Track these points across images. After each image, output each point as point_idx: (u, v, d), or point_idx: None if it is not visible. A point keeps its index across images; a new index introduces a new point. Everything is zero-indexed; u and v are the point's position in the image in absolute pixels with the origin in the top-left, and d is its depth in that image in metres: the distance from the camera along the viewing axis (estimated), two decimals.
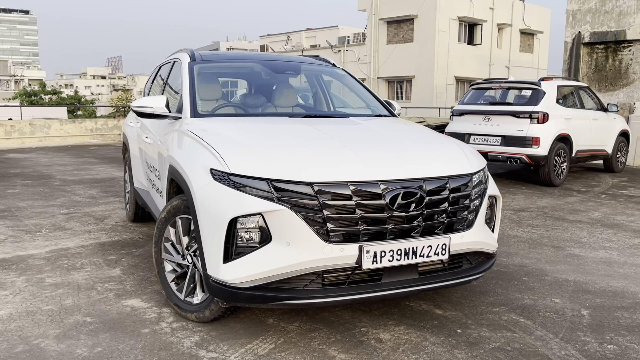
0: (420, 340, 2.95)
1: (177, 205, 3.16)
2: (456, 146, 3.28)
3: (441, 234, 2.86)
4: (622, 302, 3.58)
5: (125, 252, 4.59)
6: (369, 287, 2.74)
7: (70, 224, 5.61)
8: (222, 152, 2.82)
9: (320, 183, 2.63)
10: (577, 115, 8.94)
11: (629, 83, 12.37)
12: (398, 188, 2.72)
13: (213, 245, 2.70)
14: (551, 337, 3.02)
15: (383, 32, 32.37)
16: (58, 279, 3.89)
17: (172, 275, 3.29)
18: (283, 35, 50.14)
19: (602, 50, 12.67)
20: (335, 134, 3.22)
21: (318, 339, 2.96)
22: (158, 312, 3.30)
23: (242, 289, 2.67)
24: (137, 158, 5.03)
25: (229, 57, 4.60)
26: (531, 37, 37.00)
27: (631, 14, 11.95)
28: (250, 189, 2.66)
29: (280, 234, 2.63)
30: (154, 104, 3.65)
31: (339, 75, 4.58)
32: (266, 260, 2.64)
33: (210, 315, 3.04)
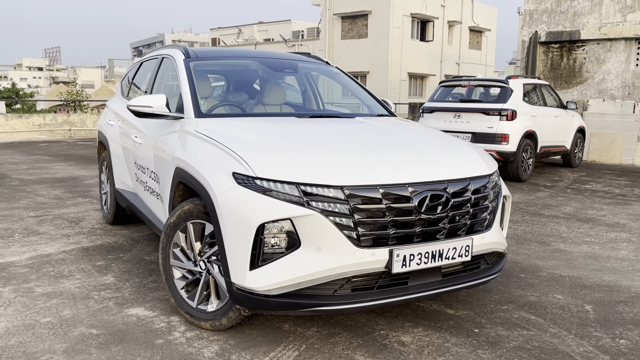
0: (442, 342, 2.95)
1: (189, 210, 3.03)
2: (470, 147, 3.30)
3: (463, 235, 2.87)
4: (619, 297, 3.71)
5: (113, 257, 4.39)
6: (397, 291, 2.71)
7: (44, 228, 5.32)
8: (244, 155, 2.72)
9: (351, 187, 2.58)
10: (541, 112, 9.24)
11: (583, 81, 12.90)
12: (425, 190, 2.71)
13: (238, 252, 2.61)
14: (565, 333, 3.09)
15: (337, 27, 32.46)
16: (48, 288, 3.67)
17: (182, 282, 3.16)
18: (234, 28, 49.47)
19: (558, 50, 13.15)
20: (353, 135, 3.17)
21: (340, 344, 2.91)
22: (167, 321, 3.17)
23: (270, 296, 2.59)
24: (120, 158, 4.81)
25: (224, 54, 4.46)
26: (479, 34, 38.00)
27: (585, 14, 12.45)
28: (277, 193, 2.58)
29: (310, 239, 2.56)
30: (154, 104, 3.49)
31: (334, 74, 4.52)
32: (296, 267, 2.56)
33: (227, 324, 2.94)
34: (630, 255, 4.74)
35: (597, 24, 12.37)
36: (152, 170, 3.84)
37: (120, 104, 5.16)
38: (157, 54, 4.64)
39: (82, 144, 15.70)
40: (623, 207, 6.94)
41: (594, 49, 12.72)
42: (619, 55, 12.45)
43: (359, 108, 4.35)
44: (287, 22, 46.57)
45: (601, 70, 12.70)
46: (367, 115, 4.00)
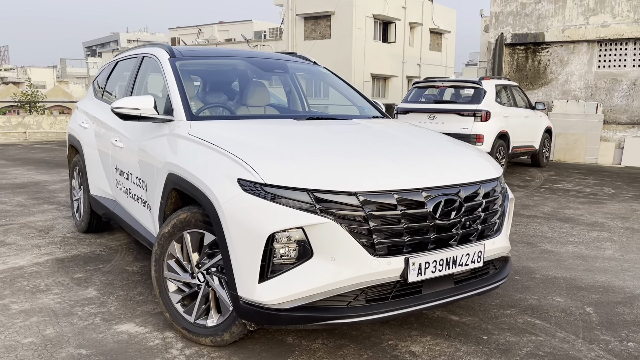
0: (453, 351, 2.86)
1: (185, 219, 2.84)
2: (476, 150, 3.22)
3: (475, 241, 2.78)
4: (616, 298, 3.71)
5: (91, 269, 4.13)
6: (412, 301, 2.60)
7: (11, 238, 4.99)
8: (249, 160, 2.56)
9: (365, 193, 2.45)
10: (513, 113, 9.35)
11: (547, 82, 13.17)
12: (439, 195, 2.61)
13: (246, 264, 2.45)
14: (573, 338, 3.05)
15: (300, 27, 32.34)
16: (25, 305, 3.40)
17: (178, 295, 2.96)
18: (194, 28, 48.73)
19: (523, 51, 13.39)
20: (359, 139, 3.05)
21: (349, 356, 2.78)
22: (161, 338, 2.97)
23: (281, 310, 2.44)
24: (96, 163, 4.54)
25: (210, 53, 4.26)
26: (439, 36, 38.56)
27: (549, 17, 12.72)
28: (287, 200, 2.43)
29: (323, 248, 2.42)
30: (141, 105, 3.27)
31: (323, 74, 4.39)
32: (308, 278, 2.42)
33: (230, 339, 2.77)
34: (616, 254, 4.79)
35: (560, 26, 12.65)
36: (136, 176, 3.61)
37: (93, 105, 4.89)
38: (136, 52, 4.41)
39: (40, 147, 15.07)
40: (597, 206, 7.07)
41: (558, 51, 13.01)
42: (582, 57, 12.77)
43: (348, 109, 4.22)
44: (248, 22, 46.13)
45: (565, 72, 13.01)
46: (361, 116, 3.88)
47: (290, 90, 4.52)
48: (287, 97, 4.55)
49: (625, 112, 12.44)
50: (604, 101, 12.59)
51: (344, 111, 4.12)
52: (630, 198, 7.74)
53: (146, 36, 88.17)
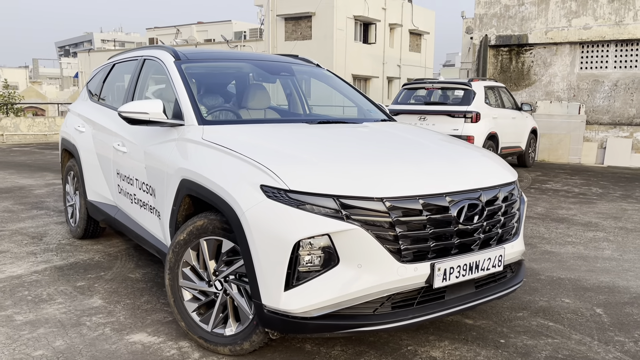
0: (473, 355, 2.86)
1: (202, 226, 2.78)
2: (489, 153, 3.23)
3: (494, 245, 2.78)
4: (623, 298, 3.75)
5: (93, 277, 4.03)
6: (436, 306, 2.58)
7: (3, 245, 4.84)
8: (271, 166, 2.51)
9: (392, 198, 2.43)
10: (501, 114, 9.45)
11: (531, 84, 13.35)
12: (463, 200, 2.60)
13: (271, 271, 2.40)
14: (589, 340, 3.07)
15: (281, 28, 32.24)
16: (30, 316, 3.30)
17: (194, 304, 2.90)
18: (172, 28, 48.28)
19: (507, 53, 13.54)
20: (378, 143, 3.02)
21: None
22: (177, 348, 2.90)
23: (307, 318, 2.40)
24: (94, 168, 4.43)
25: (214, 56, 4.17)
26: (419, 37, 38.84)
27: (532, 19, 12.89)
28: (312, 206, 2.39)
29: (350, 255, 2.39)
30: (150, 110, 3.20)
31: (327, 76, 4.36)
32: (335, 285, 2.39)
33: (250, 348, 2.72)
34: (614, 254, 4.85)
35: (543, 28, 12.83)
36: (142, 181, 3.53)
37: (90, 109, 4.78)
38: (136, 55, 4.31)
39: (19, 150, 14.74)
40: (588, 206, 7.17)
41: (541, 53, 13.19)
42: (565, 59, 12.97)
43: (353, 111, 4.20)
44: (227, 22, 45.86)
45: (548, 73, 13.20)
46: (370, 119, 3.85)
47: (291, 93, 4.47)
48: (288, 100, 4.51)
49: (607, 113, 12.67)
50: (586, 102, 12.81)
51: (350, 114, 4.09)
52: (618, 198, 7.87)
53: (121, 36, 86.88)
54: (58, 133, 18.51)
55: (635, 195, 8.10)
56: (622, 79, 12.53)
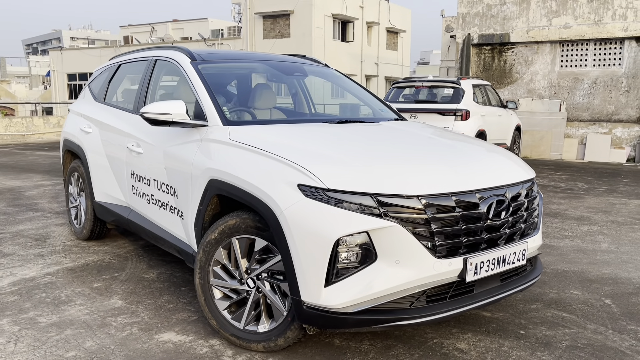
0: (498, 346, 2.96)
1: (234, 225, 2.82)
2: (506, 152, 3.33)
3: (518, 240, 2.89)
4: (627, 289, 3.91)
5: (108, 278, 4.02)
6: (467, 300, 2.68)
7: (8, 248, 4.79)
8: (308, 166, 2.57)
9: (427, 196, 2.51)
10: (488, 112, 9.64)
11: (513, 82, 13.63)
12: (491, 196, 2.70)
13: (311, 268, 2.46)
14: (603, 329, 3.20)
15: (259, 26, 32.16)
16: (53, 318, 3.29)
17: (225, 302, 2.94)
18: (147, 26, 47.70)
19: (489, 51, 13.79)
20: (403, 142, 3.10)
21: (401, 356, 2.84)
22: (208, 346, 2.94)
23: (347, 313, 2.46)
24: (103, 169, 4.42)
25: (229, 56, 4.19)
26: (396, 35, 39.15)
27: (514, 18, 13.15)
28: (350, 204, 2.46)
29: (387, 251, 2.46)
30: (173, 111, 3.22)
31: (336, 76, 4.42)
32: (374, 281, 2.46)
33: (284, 344, 2.77)
34: (611, 247, 5.03)
35: (525, 27, 13.11)
36: (162, 182, 3.55)
37: (96, 109, 4.75)
38: (145, 56, 4.31)
39: None
40: (577, 200, 7.39)
41: (523, 51, 13.48)
42: (545, 57, 13.28)
43: (365, 110, 4.27)
44: (203, 20, 45.50)
45: (529, 71, 13.49)
46: (384, 119, 3.93)
47: (297, 93, 4.53)
48: (293, 99, 4.56)
49: (587, 110, 13.02)
50: (566, 99, 13.14)
51: (363, 113, 4.16)
52: (604, 192, 8.12)
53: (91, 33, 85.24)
54: (36, 133, 18.20)
55: (620, 190, 8.37)
56: (601, 76, 12.89)
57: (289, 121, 3.60)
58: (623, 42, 12.49)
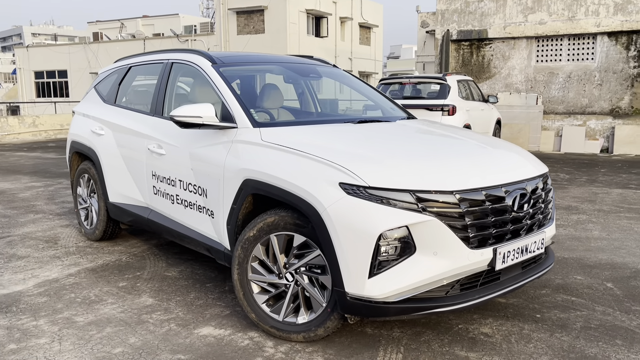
0: (519, 330, 3.18)
1: (273, 222, 2.97)
2: (517, 147, 3.55)
3: (536, 230, 3.11)
4: (624, 273, 4.19)
5: (131, 277, 4.12)
6: (495, 287, 2.89)
7: (21, 251, 4.82)
8: (348, 165, 2.73)
9: (461, 191, 2.70)
10: (472, 106, 9.94)
11: (491, 76, 14.00)
12: (515, 190, 2.91)
13: (355, 262, 2.62)
14: (611, 310, 3.46)
15: (233, 22, 32.02)
16: (90, 317, 3.38)
17: (263, 296, 3.09)
18: (116, 22, 46.94)
19: (468, 47, 14.14)
20: (426, 141, 3.29)
21: (434, 342, 3.03)
22: (248, 338, 3.08)
23: (389, 303, 2.64)
24: (119, 170, 4.49)
25: (247, 59, 4.29)
26: (368, 30, 39.44)
27: (491, 15, 13.51)
28: (390, 201, 2.63)
29: (426, 244, 2.64)
30: (203, 114, 3.33)
31: (345, 76, 4.58)
32: (413, 272, 2.64)
33: (323, 334, 2.93)
34: (602, 234, 5.34)
35: (502, 23, 13.48)
36: (189, 182, 3.66)
37: (108, 111, 4.80)
38: (160, 58, 4.39)
39: None
40: (562, 191, 7.72)
41: (500, 47, 13.86)
42: (522, 52, 13.69)
43: (374, 109, 4.43)
44: (174, 16, 44.98)
45: (507, 66, 13.89)
46: (397, 117, 4.10)
47: (303, 92, 4.67)
48: (299, 99, 4.70)
49: (562, 103, 13.48)
50: (542, 93, 13.57)
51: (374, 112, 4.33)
52: (586, 182, 8.50)
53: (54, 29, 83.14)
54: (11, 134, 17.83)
55: (600, 180, 8.76)
56: (574, 71, 13.36)
57: (314, 122, 3.74)
58: (596, 37, 12.97)
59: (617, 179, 8.95)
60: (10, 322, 3.30)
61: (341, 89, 4.58)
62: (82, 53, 37.12)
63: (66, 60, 37.56)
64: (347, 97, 4.60)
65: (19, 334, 3.14)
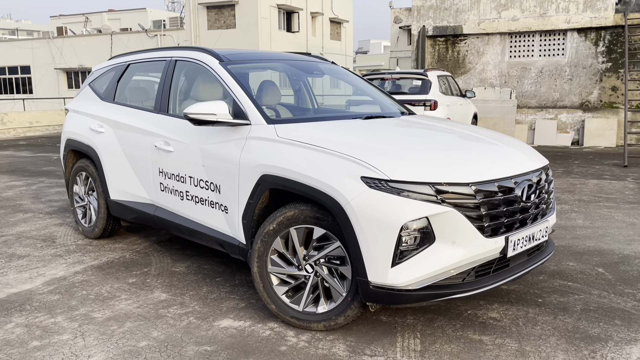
0: (524, 314, 3.36)
1: (293, 216, 3.07)
2: (520, 142, 3.73)
3: (540, 219, 3.29)
4: (613, 259, 4.43)
5: (138, 273, 4.15)
6: (506, 273, 3.05)
7: (20, 250, 4.79)
8: (368, 160, 2.84)
9: (477, 183, 2.84)
10: (452, 101, 10.17)
11: (466, 71, 14.31)
12: (523, 181, 3.07)
13: (378, 252, 2.74)
14: (606, 294, 3.67)
15: (203, 17, 31.73)
16: (107, 312, 3.42)
17: (283, 288, 3.19)
18: (80, 16, 45.91)
19: (443, 43, 14.41)
20: (435, 135, 3.42)
21: (447, 327, 3.18)
22: (269, 328, 3.17)
23: (411, 290, 2.77)
24: (122, 167, 4.50)
25: (252, 57, 4.33)
26: (339, 25, 39.61)
27: (466, 11, 13.80)
28: (411, 193, 2.75)
29: (444, 234, 2.78)
30: (217, 111, 3.39)
31: (344, 73, 4.68)
32: (434, 260, 2.77)
33: (343, 322, 3.05)
34: (586, 223, 5.60)
35: (476, 20, 13.79)
36: (200, 178, 3.71)
37: (107, 109, 4.79)
38: (162, 56, 4.41)
39: None
40: None
41: (475, 43, 14.17)
42: (496, 48, 14.03)
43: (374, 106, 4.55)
44: (142, 10, 44.20)
45: (481, 62, 14.21)
46: (399, 113, 4.23)
47: (300, 89, 4.77)
48: (296, 95, 4.79)
49: (535, 97, 13.89)
50: (516, 88, 13.96)
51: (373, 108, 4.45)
52: (562, 174, 8.82)
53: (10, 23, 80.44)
54: None
55: (576, 171, 9.11)
56: (546, 66, 13.77)
57: (323, 118, 3.84)
58: (566, 33, 13.39)
59: (591, 170, 9.31)
60: (27, 320, 3.32)
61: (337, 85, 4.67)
62: (45, 48, 36.21)
63: (29, 56, 36.57)
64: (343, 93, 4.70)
65: (39, 331, 3.16)
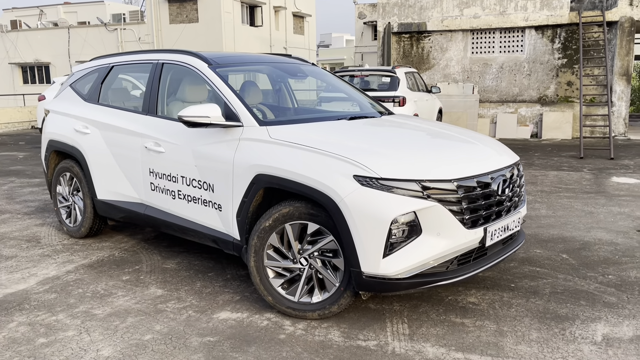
0: (500, 298, 3.66)
1: (288, 213, 3.27)
2: (492, 139, 4.02)
3: (513, 210, 3.58)
4: (574, 245, 4.80)
5: (131, 271, 4.27)
6: (484, 261, 3.34)
7: (5, 251, 4.83)
8: (359, 159, 3.06)
9: (459, 179, 3.11)
10: (419, 97, 10.50)
11: (431, 67, 14.71)
12: (499, 176, 3.36)
13: (370, 244, 2.97)
14: (570, 277, 4.02)
15: (165, 11, 31.34)
16: (107, 309, 3.55)
17: (279, 280, 3.39)
18: (35, 9, 44.49)
19: (408, 39, 14.76)
20: (417, 135, 3.67)
21: (431, 312, 3.45)
22: (266, 319, 3.37)
23: (401, 279, 3.02)
24: (110, 168, 4.59)
25: (239, 60, 4.45)
26: (302, 19, 39.68)
27: (430, 8, 14.18)
28: (400, 190, 3.00)
29: (430, 226, 3.04)
30: (211, 114, 3.56)
31: (324, 74, 4.89)
32: (421, 251, 3.03)
33: (337, 310, 3.28)
34: (549, 213, 5.99)
35: (439, 17, 14.19)
36: (192, 178, 3.86)
37: (92, 110, 4.86)
38: (147, 58, 4.51)
39: None
40: None
41: (438, 39, 14.57)
42: (458, 45, 14.47)
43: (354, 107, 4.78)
44: (99, 3, 43.14)
45: (445, 58, 14.64)
46: (379, 113, 4.47)
47: (280, 89, 4.96)
48: (277, 95, 4.98)
49: (496, 92, 14.41)
50: (478, 83, 14.44)
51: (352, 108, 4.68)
52: (525, 166, 9.27)
53: None
54: None
55: (537, 163, 9.58)
56: (506, 62, 14.30)
57: (311, 119, 4.03)
58: (524, 30, 13.94)
59: (551, 162, 9.81)
60: (29, 319, 3.42)
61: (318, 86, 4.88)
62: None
63: None
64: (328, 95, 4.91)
65: (43, 329, 3.28)
